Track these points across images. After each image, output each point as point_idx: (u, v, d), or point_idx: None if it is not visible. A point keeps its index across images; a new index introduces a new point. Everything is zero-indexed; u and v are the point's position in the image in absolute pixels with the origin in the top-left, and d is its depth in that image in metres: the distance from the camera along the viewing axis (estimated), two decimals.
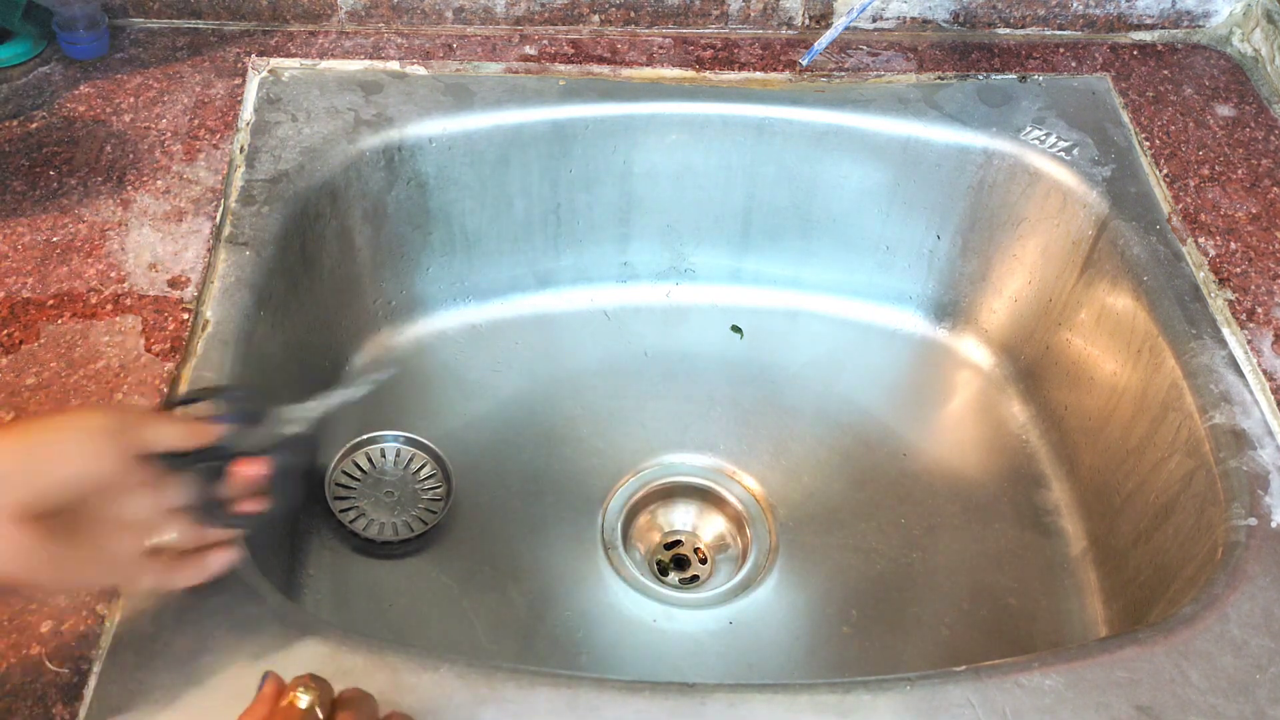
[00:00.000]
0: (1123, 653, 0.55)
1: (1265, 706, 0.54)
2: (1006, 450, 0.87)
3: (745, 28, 0.92)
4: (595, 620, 0.76)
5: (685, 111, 0.86)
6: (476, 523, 0.80)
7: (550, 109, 0.84)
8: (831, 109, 0.86)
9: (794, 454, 0.86)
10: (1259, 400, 0.68)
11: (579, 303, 0.94)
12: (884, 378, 0.92)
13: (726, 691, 0.53)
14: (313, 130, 0.80)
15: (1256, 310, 0.73)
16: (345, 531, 0.77)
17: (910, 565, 0.80)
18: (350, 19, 0.89)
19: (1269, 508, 0.62)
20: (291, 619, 0.54)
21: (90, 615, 0.54)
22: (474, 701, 0.51)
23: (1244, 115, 0.87)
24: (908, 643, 0.76)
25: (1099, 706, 0.53)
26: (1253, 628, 0.57)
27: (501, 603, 0.76)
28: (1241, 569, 0.59)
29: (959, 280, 0.92)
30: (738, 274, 0.96)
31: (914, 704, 0.53)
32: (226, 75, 0.84)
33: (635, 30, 0.91)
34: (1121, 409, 0.77)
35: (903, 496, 0.84)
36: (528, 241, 0.91)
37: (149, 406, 0.60)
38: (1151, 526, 0.71)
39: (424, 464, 0.81)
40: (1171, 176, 0.82)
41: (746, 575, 0.80)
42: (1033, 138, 0.84)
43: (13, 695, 0.51)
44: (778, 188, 0.90)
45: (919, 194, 0.88)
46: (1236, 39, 0.93)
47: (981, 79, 0.89)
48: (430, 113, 0.82)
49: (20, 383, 0.63)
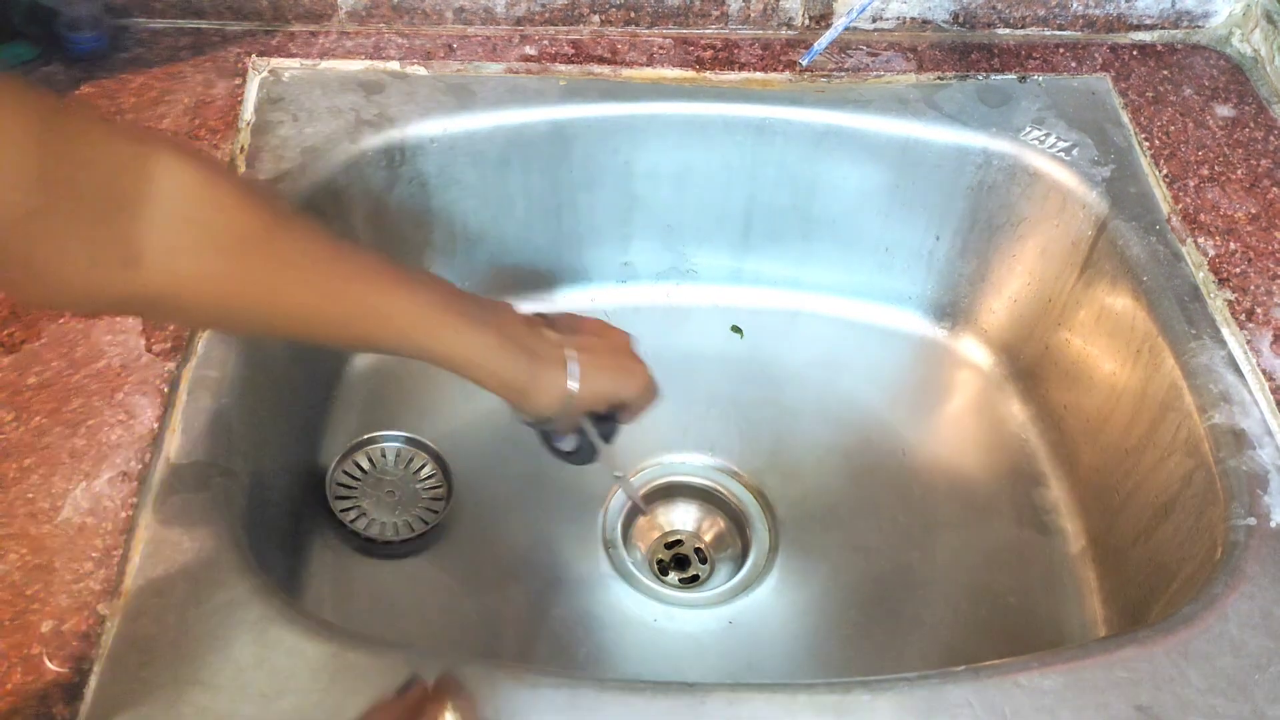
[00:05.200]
0: (1122, 653, 0.55)
1: (1264, 706, 0.54)
2: (1006, 450, 0.87)
3: (745, 28, 0.92)
4: (595, 620, 0.76)
5: (685, 112, 0.86)
6: (476, 523, 0.80)
7: (551, 109, 0.84)
8: (831, 109, 0.86)
9: (794, 453, 0.86)
10: (1258, 400, 0.68)
11: (579, 303, 0.94)
12: (884, 378, 0.92)
13: (726, 691, 0.53)
14: (314, 130, 0.80)
15: (1256, 310, 0.73)
16: (346, 531, 0.77)
17: (910, 564, 0.80)
18: (351, 19, 0.89)
19: (1268, 507, 0.62)
20: (292, 618, 0.54)
21: (91, 615, 0.54)
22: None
23: (1243, 115, 0.87)
24: (907, 642, 0.76)
25: (1098, 706, 0.53)
26: (1252, 628, 0.57)
27: (501, 603, 0.76)
28: (1241, 569, 0.59)
29: (958, 280, 0.92)
30: (738, 274, 0.96)
31: (913, 704, 0.53)
32: (228, 75, 0.84)
33: (635, 30, 0.91)
34: (1121, 409, 0.77)
35: (902, 496, 0.84)
36: (529, 241, 0.91)
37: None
38: (1151, 526, 0.72)
39: (424, 464, 0.81)
40: (1171, 177, 0.82)
41: (746, 575, 0.80)
42: (1032, 138, 0.84)
43: (13, 695, 0.51)
44: (778, 188, 0.90)
45: (919, 194, 0.88)
46: (1236, 39, 0.93)
47: (981, 79, 0.89)
48: (431, 113, 0.82)
49: (22, 382, 0.63)
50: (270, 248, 0.48)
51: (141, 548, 0.57)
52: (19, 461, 0.60)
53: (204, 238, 0.46)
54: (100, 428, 0.62)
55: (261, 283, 0.49)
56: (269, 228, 0.48)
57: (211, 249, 0.46)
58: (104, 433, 0.62)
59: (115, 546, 0.57)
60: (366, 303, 0.52)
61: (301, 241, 0.50)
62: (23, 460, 0.60)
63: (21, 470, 0.60)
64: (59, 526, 0.57)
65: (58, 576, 0.55)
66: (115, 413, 0.62)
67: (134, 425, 0.62)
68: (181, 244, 0.45)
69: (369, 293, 0.52)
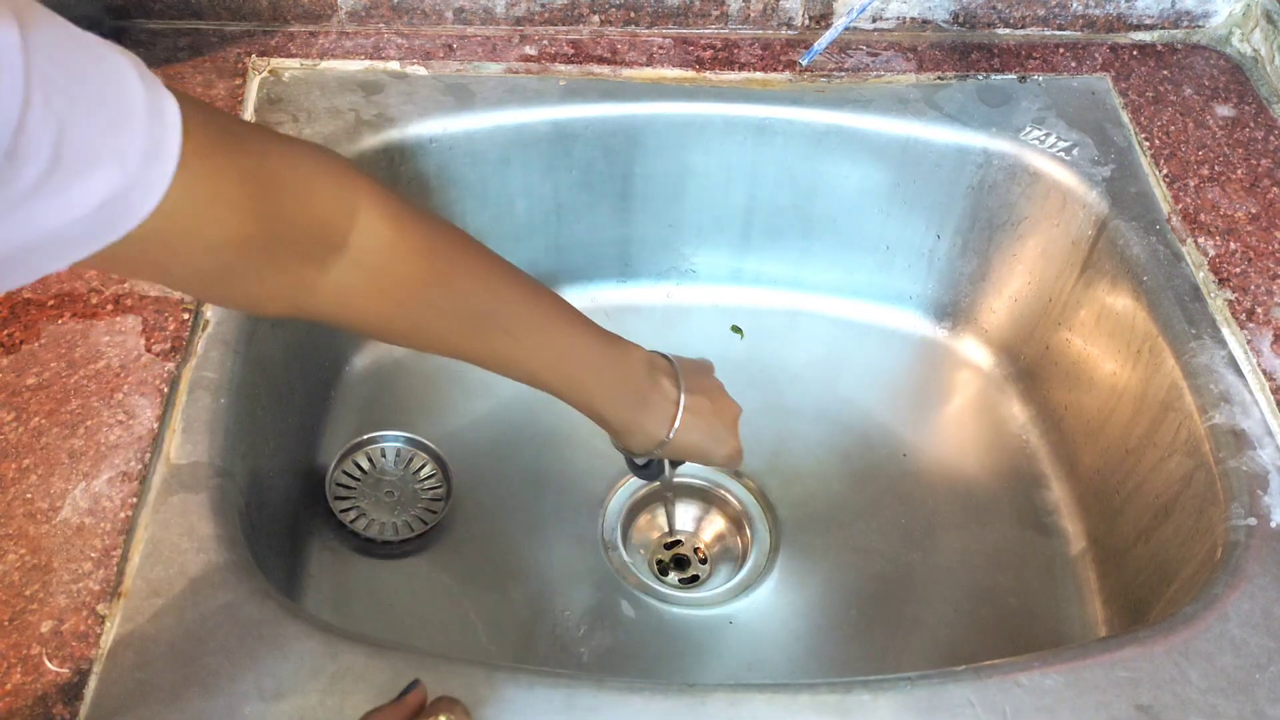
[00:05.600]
0: (1123, 652, 0.55)
1: (1265, 706, 0.54)
2: (1006, 450, 0.87)
3: (745, 28, 0.92)
4: (595, 620, 0.76)
5: (685, 112, 0.86)
6: (476, 523, 0.80)
7: (551, 109, 0.84)
8: (831, 109, 0.86)
9: (794, 454, 0.86)
10: (1258, 400, 0.68)
11: (579, 303, 0.92)
12: (884, 378, 0.92)
13: (727, 691, 0.53)
14: (314, 130, 0.80)
15: (1256, 310, 0.73)
16: (346, 531, 0.77)
17: (910, 565, 0.80)
18: (350, 19, 0.89)
19: (1268, 508, 0.62)
20: (292, 618, 0.54)
21: (90, 615, 0.54)
22: (474, 702, 0.51)
23: (1244, 115, 0.87)
24: (908, 642, 0.76)
25: (1099, 706, 0.53)
26: (1252, 627, 0.57)
27: (501, 603, 0.76)
28: (1241, 569, 0.59)
29: (959, 280, 0.92)
30: (738, 274, 0.96)
31: (914, 703, 0.53)
32: (228, 75, 0.84)
33: (635, 30, 0.91)
34: (1121, 409, 0.77)
35: (903, 496, 0.84)
36: (529, 241, 0.91)
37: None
38: (1151, 526, 0.72)
39: (424, 464, 0.81)
40: (1171, 176, 0.82)
41: (746, 575, 0.80)
42: (1032, 138, 0.84)
43: (13, 695, 0.51)
44: (778, 188, 0.90)
45: (919, 194, 0.88)
46: (1236, 39, 0.93)
47: (981, 79, 0.89)
48: (431, 113, 0.82)
49: (21, 383, 0.63)
50: (433, 296, 0.54)
51: (141, 548, 0.56)
52: (18, 462, 0.60)
53: (378, 283, 0.51)
54: (99, 428, 0.62)
55: (417, 325, 0.55)
56: (440, 278, 0.53)
57: (380, 293, 0.51)
58: (103, 433, 0.61)
59: (114, 547, 0.57)
60: (508, 352, 0.58)
61: (462, 293, 0.55)
62: (22, 460, 0.60)
63: (20, 470, 0.59)
64: (58, 527, 0.57)
65: (57, 577, 0.55)
66: (114, 413, 0.62)
67: (133, 425, 0.62)
68: (356, 285, 0.50)
69: (512, 346, 0.58)
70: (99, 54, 0.37)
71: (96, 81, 0.36)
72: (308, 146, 0.48)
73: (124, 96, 0.37)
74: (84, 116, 0.35)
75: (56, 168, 0.34)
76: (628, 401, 0.64)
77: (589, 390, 0.62)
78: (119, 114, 0.36)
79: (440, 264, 0.53)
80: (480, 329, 0.57)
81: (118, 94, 0.36)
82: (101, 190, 0.36)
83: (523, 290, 0.58)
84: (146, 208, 0.37)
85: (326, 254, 0.48)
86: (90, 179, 0.35)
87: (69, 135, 0.34)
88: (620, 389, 0.63)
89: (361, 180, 0.49)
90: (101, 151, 0.35)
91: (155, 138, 0.37)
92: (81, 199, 0.35)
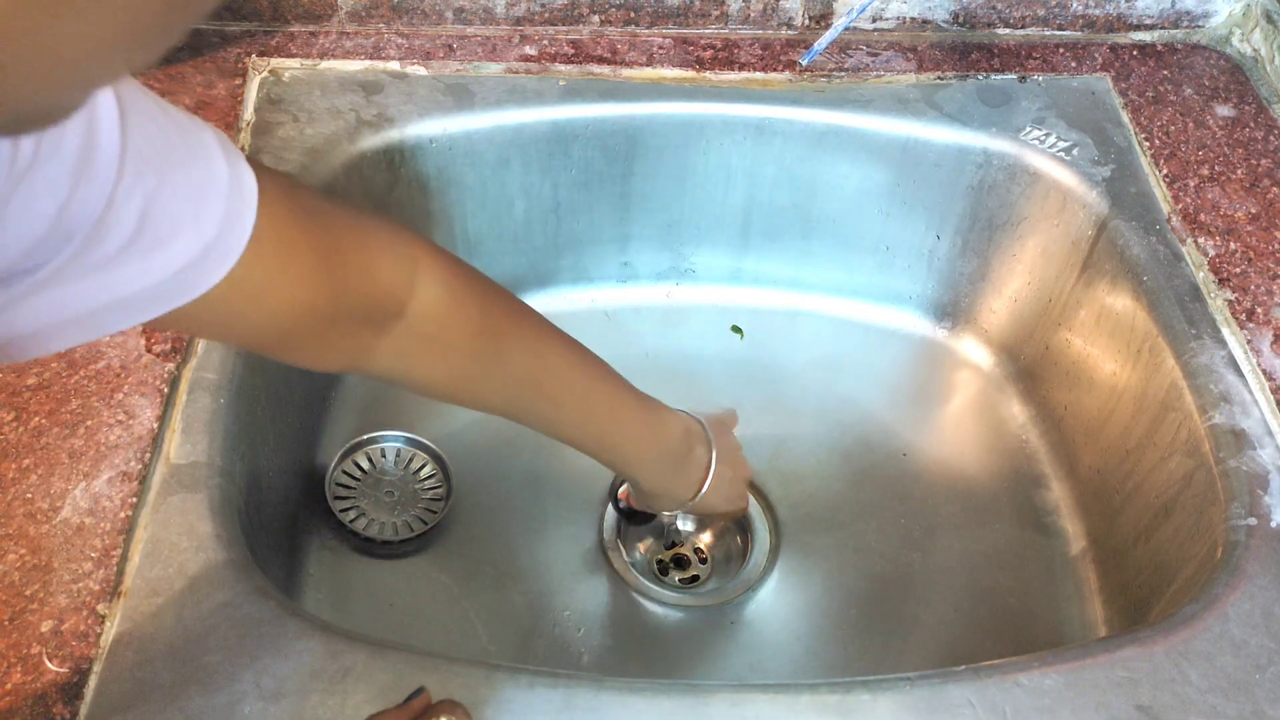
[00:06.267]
0: (1123, 652, 0.55)
1: (1265, 706, 0.54)
2: (1006, 450, 0.87)
3: (745, 28, 0.92)
4: (595, 620, 0.76)
5: (685, 112, 0.86)
6: (476, 523, 0.80)
7: (550, 109, 0.84)
8: (831, 109, 0.86)
9: (794, 454, 0.86)
10: (1259, 400, 0.68)
11: (579, 303, 0.94)
12: (884, 378, 0.92)
13: (730, 691, 0.53)
14: (314, 131, 0.80)
15: (1256, 310, 0.73)
16: (345, 531, 0.77)
17: (910, 565, 0.80)
18: (350, 19, 0.89)
19: (1269, 507, 0.62)
20: (292, 618, 0.54)
21: (90, 615, 0.54)
22: (474, 702, 0.51)
23: (1244, 115, 0.87)
24: (908, 643, 0.76)
25: (1099, 706, 0.53)
26: (1252, 627, 0.57)
27: (501, 603, 0.76)
28: (1241, 569, 0.59)
29: (959, 280, 0.92)
30: (738, 274, 0.96)
31: (914, 703, 0.53)
32: (228, 75, 0.84)
33: (635, 30, 0.91)
34: (1121, 409, 0.77)
35: (903, 496, 0.84)
36: (528, 241, 0.91)
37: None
38: (1151, 526, 0.71)
39: (424, 464, 0.81)
40: (1171, 176, 0.82)
41: (746, 575, 0.80)
42: (1032, 138, 0.84)
43: (12, 695, 0.51)
44: (778, 188, 0.90)
45: (919, 194, 0.88)
46: (1236, 39, 0.93)
47: (981, 79, 0.89)
48: (431, 113, 0.82)
49: (21, 383, 0.63)
50: (484, 364, 0.56)
51: (140, 548, 0.56)
52: (18, 462, 0.60)
53: (431, 348, 0.54)
54: (99, 428, 0.62)
55: (467, 388, 0.58)
56: (491, 346, 0.56)
57: (433, 358, 0.54)
58: (103, 433, 0.61)
59: (114, 547, 0.57)
60: (552, 416, 0.62)
61: (512, 362, 0.58)
62: (22, 460, 0.60)
63: (20, 470, 0.59)
64: (58, 526, 0.57)
65: (56, 576, 0.55)
66: (114, 413, 0.62)
67: (133, 426, 0.62)
68: (411, 349, 0.53)
69: (556, 412, 0.61)
70: (186, 127, 0.38)
71: (183, 155, 0.37)
72: (374, 219, 0.50)
73: (208, 171, 0.38)
74: (169, 190, 0.36)
75: (140, 237, 0.35)
76: (663, 470, 0.67)
77: (626, 458, 0.66)
78: (202, 188, 0.37)
79: (492, 333, 0.56)
80: (527, 396, 0.60)
81: (204, 170, 0.38)
82: (180, 259, 0.37)
83: (569, 359, 0.61)
84: (219, 275, 0.39)
85: (385, 320, 0.51)
86: (169, 248, 0.36)
87: (154, 208, 0.35)
88: (657, 458, 0.67)
89: (422, 249, 0.51)
90: (183, 223, 0.37)
91: (234, 210, 0.39)
92: (160, 267, 0.36)
